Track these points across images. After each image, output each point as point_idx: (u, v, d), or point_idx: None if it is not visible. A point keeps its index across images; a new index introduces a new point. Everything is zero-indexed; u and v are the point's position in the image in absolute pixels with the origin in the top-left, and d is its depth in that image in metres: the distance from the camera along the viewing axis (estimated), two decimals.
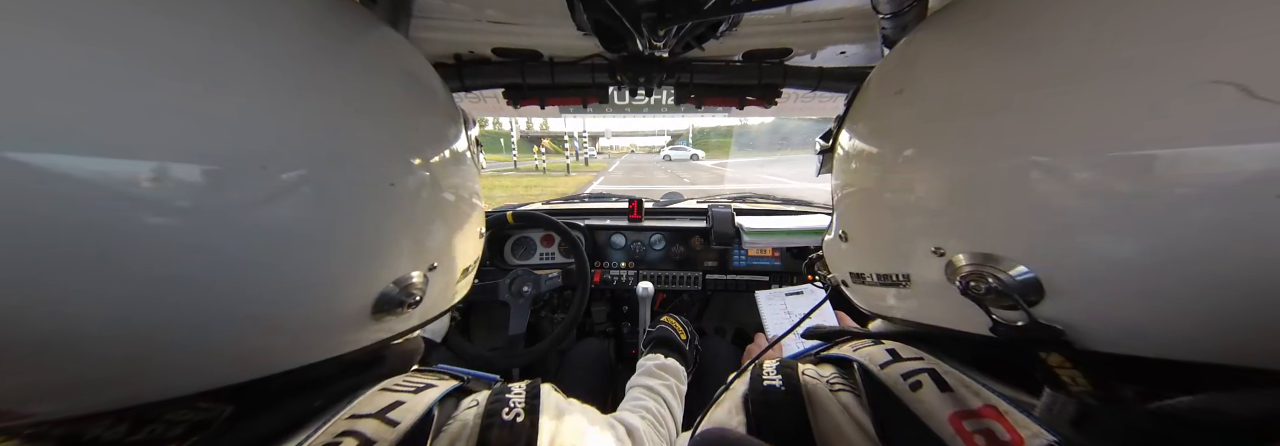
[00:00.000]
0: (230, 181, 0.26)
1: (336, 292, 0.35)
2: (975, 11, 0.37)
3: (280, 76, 0.31)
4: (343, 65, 0.36)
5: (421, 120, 0.44)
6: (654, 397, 0.70)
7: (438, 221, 0.44)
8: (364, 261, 0.36)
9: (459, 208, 0.48)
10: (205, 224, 0.25)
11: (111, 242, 0.23)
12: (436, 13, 0.68)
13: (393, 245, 0.39)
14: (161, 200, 0.24)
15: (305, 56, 0.33)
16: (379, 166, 0.36)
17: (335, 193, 0.33)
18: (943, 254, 0.34)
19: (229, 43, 0.28)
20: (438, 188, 0.44)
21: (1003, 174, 0.30)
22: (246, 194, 0.27)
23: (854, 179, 0.46)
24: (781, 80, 0.92)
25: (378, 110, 0.38)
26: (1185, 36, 0.24)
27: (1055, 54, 0.28)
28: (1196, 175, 0.23)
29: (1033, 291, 0.29)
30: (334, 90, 0.34)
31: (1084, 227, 0.27)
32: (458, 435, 0.39)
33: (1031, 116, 0.29)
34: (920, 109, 0.37)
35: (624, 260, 1.59)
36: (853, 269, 0.49)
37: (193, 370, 0.30)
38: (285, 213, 0.29)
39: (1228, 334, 0.24)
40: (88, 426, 0.28)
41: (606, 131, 47.65)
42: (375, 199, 0.36)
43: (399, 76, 0.43)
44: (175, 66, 0.25)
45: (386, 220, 0.37)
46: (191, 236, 0.25)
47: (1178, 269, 0.24)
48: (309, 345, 0.35)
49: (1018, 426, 0.30)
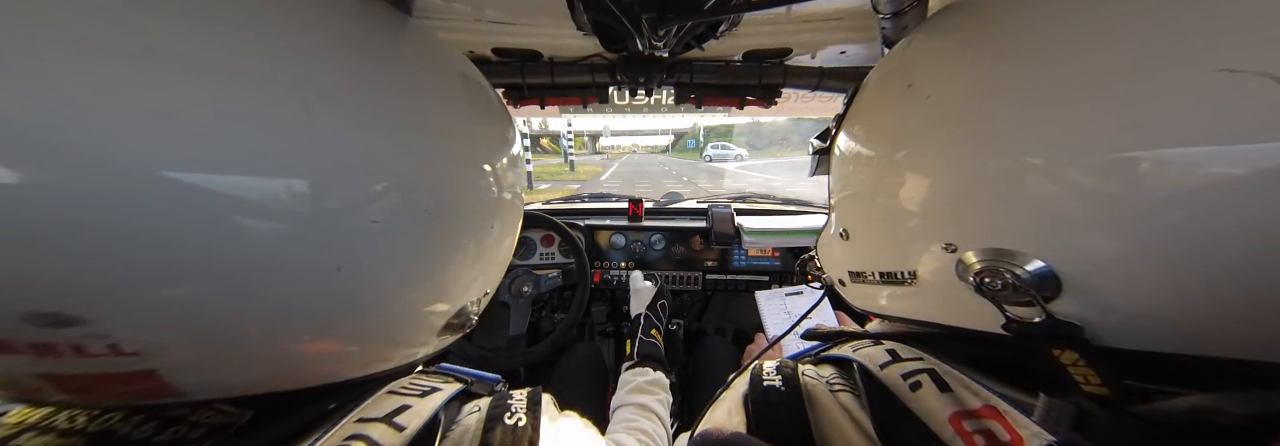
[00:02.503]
0: (348, 198, 0.29)
1: (425, 311, 0.38)
2: (977, 9, 0.37)
3: (391, 103, 0.33)
4: (408, 78, 0.38)
5: (487, 129, 0.45)
6: (648, 417, 0.71)
7: (501, 243, 0.47)
8: (458, 283, 0.40)
9: (515, 225, 0.49)
10: (329, 236, 0.29)
11: (256, 249, 0.26)
12: (436, 13, 0.68)
13: (476, 271, 0.42)
14: (299, 213, 0.27)
15: (374, 74, 0.35)
16: (443, 188, 0.38)
17: (442, 220, 0.36)
18: (954, 250, 0.34)
19: (347, 80, 0.31)
20: (507, 209, 0.46)
21: (1014, 170, 0.30)
22: (361, 208, 0.30)
23: (857, 176, 0.46)
24: (781, 80, 0.92)
25: (444, 125, 0.39)
26: (1195, 30, 0.23)
27: (1059, 50, 0.28)
28: (1215, 166, 0.23)
29: (1049, 287, 0.29)
30: (402, 108, 0.36)
31: (1102, 221, 0.26)
32: (460, 440, 0.39)
33: (1040, 114, 0.28)
34: (928, 105, 0.37)
35: (624, 260, 1.59)
36: (853, 267, 0.49)
37: (294, 368, 0.33)
38: (404, 232, 0.33)
39: (1254, 327, 0.24)
40: (119, 424, 0.29)
41: (606, 129, 47.29)
42: (443, 225, 0.38)
43: (459, 82, 0.43)
44: (314, 99, 0.28)
45: (475, 246, 0.41)
46: (319, 247, 0.28)
47: (1201, 261, 0.24)
48: (376, 359, 0.38)
49: (1018, 426, 0.30)
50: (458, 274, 0.40)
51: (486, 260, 0.44)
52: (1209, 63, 0.23)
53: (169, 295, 0.24)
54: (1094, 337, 0.29)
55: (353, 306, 0.32)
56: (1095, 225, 0.27)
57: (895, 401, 0.36)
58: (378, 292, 0.33)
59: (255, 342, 0.29)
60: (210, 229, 0.24)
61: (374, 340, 0.36)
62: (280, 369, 0.32)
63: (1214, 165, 0.23)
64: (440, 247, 0.37)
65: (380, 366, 0.39)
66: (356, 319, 0.33)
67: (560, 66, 0.89)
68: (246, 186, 0.24)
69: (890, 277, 0.42)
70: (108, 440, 0.29)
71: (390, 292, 0.34)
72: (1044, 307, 0.29)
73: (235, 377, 0.30)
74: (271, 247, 0.26)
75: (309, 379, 0.34)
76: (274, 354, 0.30)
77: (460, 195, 0.38)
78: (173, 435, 0.31)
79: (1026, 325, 0.31)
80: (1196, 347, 0.27)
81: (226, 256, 0.25)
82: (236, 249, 0.25)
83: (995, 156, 0.31)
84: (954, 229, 0.34)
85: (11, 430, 0.28)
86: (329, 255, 0.29)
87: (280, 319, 0.29)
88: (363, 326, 0.34)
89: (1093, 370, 0.29)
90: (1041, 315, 0.30)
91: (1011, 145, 0.30)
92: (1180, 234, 0.24)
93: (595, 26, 0.67)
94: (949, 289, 0.35)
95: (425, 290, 0.37)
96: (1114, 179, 0.25)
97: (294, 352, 0.31)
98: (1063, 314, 0.29)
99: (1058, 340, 0.30)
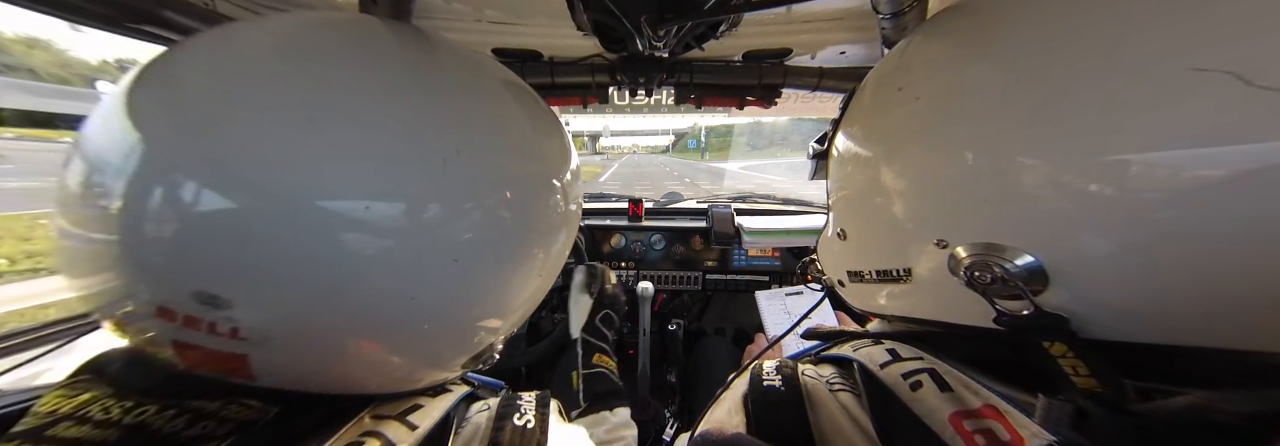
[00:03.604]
0: (428, 217, 0.33)
1: (479, 326, 0.41)
2: (974, 12, 0.37)
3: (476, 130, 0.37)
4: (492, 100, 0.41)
5: (551, 141, 0.45)
6: None
7: (563, 257, 0.49)
8: (519, 296, 0.43)
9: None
10: (412, 248, 0.32)
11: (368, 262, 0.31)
12: (437, 13, 0.68)
13: (539, 282, 0.45)
14: (393, 230, 0.31)
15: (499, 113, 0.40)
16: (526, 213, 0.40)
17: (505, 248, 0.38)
18: (945, 246, 0.34)
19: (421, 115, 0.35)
20: (576, 221, 0.48)
21: (1002, 169, 0.30)
22: (442, 227, 0.34)
23: (854, 176, 0.46)
24: (781, 80, 0.92)
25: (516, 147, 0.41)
26: (1186, 32, 0.24)
27: (1054, 53, 0.29)
28: (1196, 164, 0.23)
29: (1037, 279, 0.30)
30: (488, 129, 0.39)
31: (1087, 218, 0.27)
32: (470, 437, 0.40)
33: (1030, 114, 0.29)
34: (920, 106, 0.37)
35: (624, 260, 1.59)
36: (851, 267, 0.49)
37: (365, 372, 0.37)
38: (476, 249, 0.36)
39: (1233, 316, 0.25)
40: (153, 417, 0.31)
41: (605, 130, 47.19)
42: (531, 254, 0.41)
43: (514, 91, 0.44)
44: (390, 138, 0.33)
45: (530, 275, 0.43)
46: (400, 257, 0.32)
47: (1181, 255, 0.25)
48: (406, 377, 0.41)
49: (1018, 426, 0.30)
50: (522, 286, 0.42)
51: (550, 270, 0.46)
52: (1182, 63, 0.23)
53: (295, 294, 0.30)
54: (1080, 329, 0.30)
55: (433, 315, 0.36)
56: (1080, 222, 0.27)
57: (895, 401, 0.36)
58: (455, 304, 0.37)
59: (334, 341, 0.33)
60: (333, 244, 0.30)
61: (419, 351, 0.39)
62: (332, 368, 0.36)
63: (1193, 165, 0.23)
64: (515, 259, 0.40)
65: (405, 385, 0.41)
66: (420, 328, 0.36)
67: (560, 66, 0.89)
68: (359, 209, 0.30)
69: (887, 276, 0.42)
70: (141, 432, 0.30)
71: (462, 304, 0.38)
72: (1032, 300, 0.30)
73: (297, 369, 0.34)
74: (378, 260, 0.31)
75: (344, 385, 0.37)
76: (338, 354, 0.35)
77: (536, 209, 0.41)
78: (201, 429, 0.32)
79: (1016, 317, 0.31)
80: (1179, 338, 0.27)
81: (345, 268, 0.30)
82: (353, 261, 0.30)
83: (985, 156, 0.31)
84: (945, 226, 0.35)
85: (45, 419, 0.29)
86: (424, 269, 0.33)
87: (366, 321, 0.33)
88: (421, 336, 0.37)
89: (1081, 361, 0.29)
90: (1029, 307, 0.30)
91: (1001, 145, 0.31)
92: (1162, 230, 0.25)
93: (595, 26, 0.68)
94: (943, 285, 0.36)
95: (490, 303, 0.41)
96: (1098, 178, 0.26)
97: (353, 356, 0.35)
98: (1050, 306, 0.30)
99: (1046, 331, 0.30)
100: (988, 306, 0.33)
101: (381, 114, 0.33)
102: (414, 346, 0.38)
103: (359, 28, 0.39)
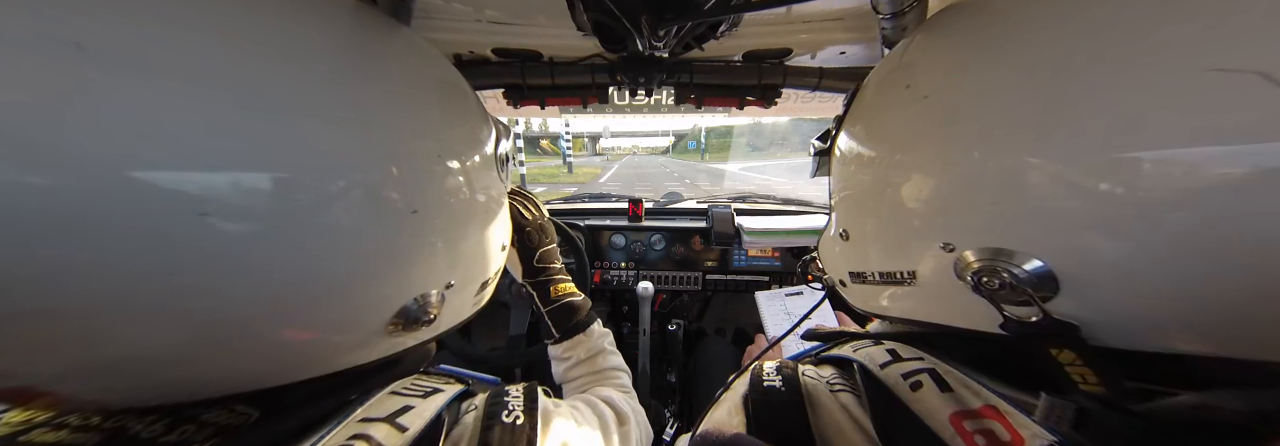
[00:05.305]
0: (290, 192, 0.28)
1: (362, 303, 0.37)
2: (977, 10, 0.37)
3: (334, 99, 0.32)
4: (387, 81, 0.38)
5: (455, 131, 0.44)
6: (626, 396, 0.64)
7: (462, 240, 0.45)
8: (390, 277, 0.38)
9: (485, 223, 0.48)
10: (270, 227, 0.28)
11: (197, 242, 0.25)
12: (437, 13, 0.68)
13: (418, 264, 0.40)
14: (238, 206, 0.26)
15: (353, 77, 0.34)
16: (409, 184, 0.37)
17: (371, 208, 0.34)
18: (952, 249, 0.34)
19: (291, 74, 0.30)
20: (467, 206, 0.44)
21: (1012, 170, 0.30)
22: (301, 203, 0.29)
23: (858, 177, 0.46)
24: (781, 80, 0.92)
25: (415, 126, 0.39)
26: (1195, 31, 0.23)
27: (1056, 51, 0.28)
28: (1216, 162, 0.23)
29: (1047, 286, 0.29)
30: (376, 108, 0.35)
31: (1100, 221, 0.26)
32: (459, 439, 0.39)
33: (1037, 114, 0.29)
34: (928, 104, 0.37)
35: (624, 260, 1.59)
36: (854, 268, 0.49)
37: (226, 369, 0.31)
38: (332, 221, 0.31)
39: (1250, 327, 0.24)
40: (132, 422, 0.29)
41: (605, 131, 47.26)
42: (405, 219, 0.37)
43: (434, 86, 0.43)
44: (255, 99, 0.28)
45: (414, 238, 0.38)
46: (258, 237, 0.28)
47: (1198, 261, 0.24)
48: (327, 356, 0.37)
49: (1018, 427, 0.30)
50: (408, 263, 0.39)
51: (447, 253, 0.43)
52: (1203, 63, 0.23)
53: None
54: (1091, 337, 0.29)
55: (312, 290, 0.32)
56: (1093, 225, 0.27)
57: (896, 401, 0.36)
58: (332, 277, 0.33)
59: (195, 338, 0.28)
60: (170, 222, 0.24)
61: (322, 329, 0.35)
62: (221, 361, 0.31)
63: (1211, 165, 0.23)
64: (356, 238, 0.35)
65: (326, 364, 0.38)
66: (310, 305, 0.32)
67: (560, 67, 0.89)
68: (202, 182, 0.25)
69: (890, 278, 0.42)
70: (119, 437, 0.29)
71: (337, 277, 0.33)
72: (1041, 307, 0.29)
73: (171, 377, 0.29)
74: (235, 242, 0.27)
75: (260, 377, 0.34)
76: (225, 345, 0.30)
77: (424, 188, 0.38)
78: (180, 435, 0.31)
79: (1024, 324, 0.31)
80: (1193, 348, 0.27)
81: (189, 248, 0.25)
82: (197, 240, 0.25)
83: (993, 156, 0.31)
84: (952, 228, 0.34)
85: (18, 427, 0.28)
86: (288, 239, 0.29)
87: (219, 308, 0.28)
88: (315, 313, 0.33)
89: (1090, 370, 0.29)
90: (1039, 314, 0.30)
91: (1009, 145, 0.30)
92: (1178, 234, 0.24)
93: (595, 27, 0.67)
94: (948, 289, 0.35)
95: (371, 277, 0.36)
96: (1111, 179, 0.25)
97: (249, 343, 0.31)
98: (1060, 313, 0.29)
99: (1055, 339, 0.30)
100: (993, 310, 0.32)
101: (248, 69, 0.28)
102: (306, 322, 0.34)
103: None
